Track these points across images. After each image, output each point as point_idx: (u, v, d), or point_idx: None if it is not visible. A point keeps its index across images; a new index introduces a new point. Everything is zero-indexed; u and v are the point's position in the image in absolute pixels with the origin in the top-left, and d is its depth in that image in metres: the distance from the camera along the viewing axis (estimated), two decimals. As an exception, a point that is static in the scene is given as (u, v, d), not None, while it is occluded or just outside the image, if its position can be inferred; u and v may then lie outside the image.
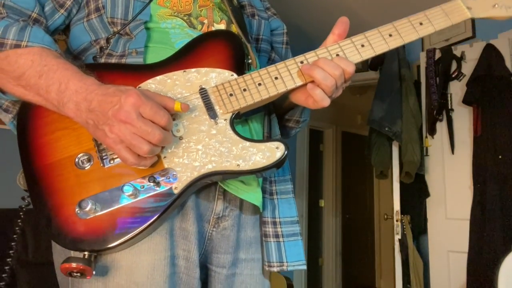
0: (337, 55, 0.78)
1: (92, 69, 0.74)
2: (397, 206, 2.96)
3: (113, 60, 0.81)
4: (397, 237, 2.91)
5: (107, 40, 0.83)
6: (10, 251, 0.82)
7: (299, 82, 0.78)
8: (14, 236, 0.80)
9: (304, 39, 3.44)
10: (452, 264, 2.63)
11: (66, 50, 0.90)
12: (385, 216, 3.31)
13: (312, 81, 0.77)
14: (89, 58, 0.85)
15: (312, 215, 4.74)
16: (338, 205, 5.27)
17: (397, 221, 2.92)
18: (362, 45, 0.79)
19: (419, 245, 3.00)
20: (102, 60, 0.82)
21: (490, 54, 2.57)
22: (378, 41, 0.79)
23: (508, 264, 1.81)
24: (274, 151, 0.73)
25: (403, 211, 2.96)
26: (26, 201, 0.73)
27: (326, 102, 0.77)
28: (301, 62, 0.79)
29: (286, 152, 0.73)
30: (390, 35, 0.79)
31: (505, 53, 2.55)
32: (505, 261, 1.82)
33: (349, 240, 5.33)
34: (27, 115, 0.75)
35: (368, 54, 0.79)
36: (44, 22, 0.81)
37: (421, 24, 0.80)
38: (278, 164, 0.72)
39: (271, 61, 1.08)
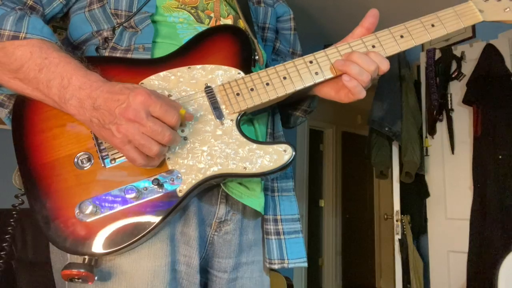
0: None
1: (94, 63, 0.70)
2: (397, 206, 2.96)
3: (118, 54, 0.78)
4: (397, 237, 2.91)
5: (113, 30, 0.79)
6: (2, 252, 0.78)
7: (309, 83, 0.75)
8: (7, 236, 0.76)
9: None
10: (452, 264, 2.64)
11: (64, 40, 0.87)
12: (385, 216, 3.31)
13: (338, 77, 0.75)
14: (91, 49, 0.81)
15: (312, 215, 4.74)
16: (338, 205, 5.27)
17: (397, 221, 2.92)
18: (373, 46, 0.77)
19: (419, 245, 3.00)
20: (106, 53, 0.78)
21: (490, 54, 2.57)
22: (389, 42, 0.77)
23: (508, 264, 1.81)
24: (281, 154, 0.71)
25: (403, 211, 2.96)
26: (20, 199, 0.70)
27: (363, 93, 0.75)
28: (310, 62, 0.76)
29: (293, 155, 0.71)
30: (402, 36, 0.77)
31: (505, 53, 2.56)
32: (505, 261, 1.82)
33: (349, 240, 5.33)
34: (23, 110, 0.71)
35: None
36: (41, 10, 0.77)
37: (433, 26, 0.78)
38: (285, 167, 0.71)
39: (275, 51, 1.06)
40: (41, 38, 0.68)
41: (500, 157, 2.42)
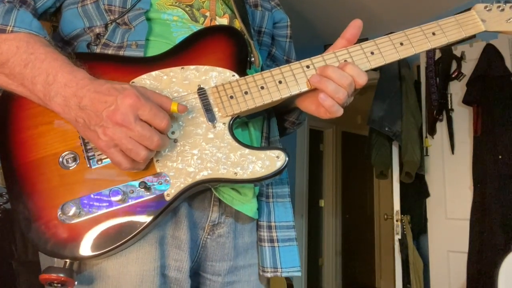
0: (345, 61, 0.73)
1: (83, 59, 0.68)
2: (397, 206, 2.96)
3: (110, 51, 0.75)
4: (397, 237, 2.91)
5: (106, 26, 0.77)
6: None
7: (304, 88, 0.73)
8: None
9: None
10: (452, 264, 2.63)
11: (56, 35, 0.84)
12: (385, 216, 3.30)
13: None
14: (82, 45, 0.79)
15: (312, 215, 4.73)
16: (338, 205, 5.27)
17: (397, 221, 2.92)
18: (372, 53, 0.74)
19: (419, 245, 3.00)
20: (98, 50, 0.76)
21: (490, 54, 2.56)
22: (388, 50, 0.75)
23: (508, 264, 1.81)
24: (274, 160, 0.68)
25: (403, 211, 2.95)
26: (4, 198, 0.67)
27: (340, 112, 0.72)
28: (307, 67, 0.74)
29: (286, 161, 0.69)
30: (401, 44, 0.75)
31: (505, 53, 2.56)
32: (505, 261, 1.82)
33: (349, 240, 5.33)
34: (8, 106, 0.68)
35: (377, 62, 0.75)
36: (32, 4, 0.74)
37: (433, 34, 0.76)
38: (278, 174, 0.69)
39: (270, 57, 1.03)
40: (29, 32, 0.66)
41: (500, 157, 2.42)
